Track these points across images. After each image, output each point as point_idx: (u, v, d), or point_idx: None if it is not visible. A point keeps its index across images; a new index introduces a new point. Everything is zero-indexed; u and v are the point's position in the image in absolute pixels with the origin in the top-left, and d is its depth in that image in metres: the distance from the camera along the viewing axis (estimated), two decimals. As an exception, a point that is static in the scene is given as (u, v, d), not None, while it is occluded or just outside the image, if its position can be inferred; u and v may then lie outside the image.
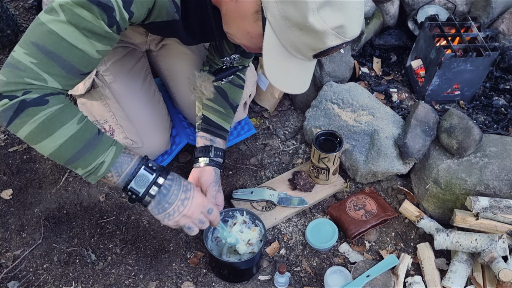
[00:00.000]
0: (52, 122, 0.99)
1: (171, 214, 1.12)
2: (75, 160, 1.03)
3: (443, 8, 2.00)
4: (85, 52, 0.99)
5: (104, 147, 1.04)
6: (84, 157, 1.02)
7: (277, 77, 1.03)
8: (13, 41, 2.14)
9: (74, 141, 1.01)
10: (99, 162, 1.03)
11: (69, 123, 1.00)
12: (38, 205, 1.62)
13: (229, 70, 1.29)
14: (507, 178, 1.44)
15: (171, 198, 1.11)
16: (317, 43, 0.94)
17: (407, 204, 1.55)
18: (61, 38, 0.96)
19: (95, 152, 1.03)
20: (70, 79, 1.02)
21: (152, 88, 1.62)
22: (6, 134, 1.84)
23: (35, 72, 0.97)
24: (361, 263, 1.40)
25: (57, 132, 0.99)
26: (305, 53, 0.97)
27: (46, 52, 0.96)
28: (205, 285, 1.43)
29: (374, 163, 1.58)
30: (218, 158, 1.43)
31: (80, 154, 1.02)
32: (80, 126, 1.02)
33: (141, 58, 1.60)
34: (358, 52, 2.03)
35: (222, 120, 1.47)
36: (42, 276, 1.45)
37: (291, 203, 1.58)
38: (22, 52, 0.97)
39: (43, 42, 0.96)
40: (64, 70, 0.99)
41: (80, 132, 1.02)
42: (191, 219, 1.15)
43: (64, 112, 1.00)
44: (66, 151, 1.01)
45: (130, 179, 1.07)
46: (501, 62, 1.93)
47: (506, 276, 1.27)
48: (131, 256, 1.50)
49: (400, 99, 1.86)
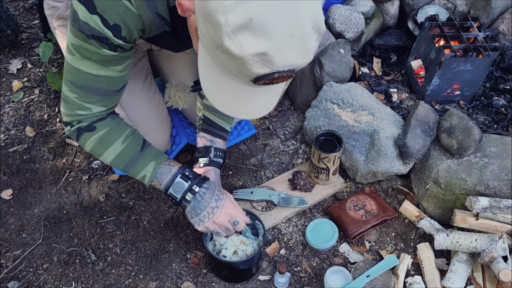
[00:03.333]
0: (102, 144, 1.20)
1: (201, 219, 1.24)
2: (127, 171, 1.24)
3: (443, 8, 2.00)
4: (109, 77, 1.13)
5: (144, 162, 1.22)
6: (130, 171, 1.23)
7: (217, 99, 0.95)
8: (13, 41, 2.14)
9: (120, 158, 1.21)
10: (142, 176, 1.23)
11: (115, 144, 1.20)
12: (38, 205, 1.62)
13: None
14: (507, 178, 1.44)
15: (203, 205, 1.23)
16: (243, 69, 0.84)
17: (407, 204, 1.55)
18: (85, 73, 1.10)
19: (137, 167, 1.22)
20: (108, 100, 1.18)
21: (153, 88, 1.62)
22: (6, 134, 1.84)
23: (80, 104, 1.15)
24: (361, 263, 1.40)
25: (106, 151, 1.20)
26: (240, 77, 0.88)
27: (80, 87, 1.12)
28: (205, 285, 1.44)
29: (374, 163, 1.58)
30: (218, 158, 1.43)
31: (127, 168, 1.23)
32: (125, 146, 1.21)
33: (141, 58, 1.60)
34: (358, 52, 2.03)
35: (222, 121, 1.46)
36: (42, 276, 1.45)
37: (291, 203, 1.58)
38: (66, 89, 1.15)
39: (75, 79, 1.12)
40: (100, 96, 1.15)
41: (124, 150, 1.21)
42: (219, 226, 1.26)
43: (110, 135, 1.20)
44: (118, 165, 1.23)
45: (169, 186, 1.23)
46: (501, 62, 1.93)
47: (506, 276, 1.27)
48: (131, 256, 1.50)
49: (400, 99, 1.86)
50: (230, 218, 1.26)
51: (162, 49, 1.63)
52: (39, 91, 2.00)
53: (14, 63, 2.11)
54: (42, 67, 2.09)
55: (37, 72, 2.09)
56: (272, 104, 0.99)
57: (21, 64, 2.12)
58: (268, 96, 0.98)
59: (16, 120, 1.90)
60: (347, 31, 1.85)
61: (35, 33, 2.26)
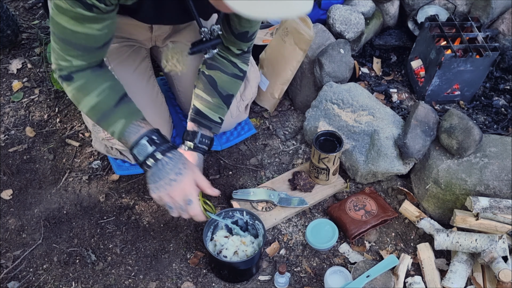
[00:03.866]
0: (78, 93, 1.21)
1: (158, 188, 1.20)
2: (99, 123, 1.25)
3: (443, 8, 2.00)
4: (88, 34, 1.11)
5: (114, 119, 1.21)
6: (102, 124, 1.24)
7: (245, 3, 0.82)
8: (13, 41, 2.14)
9: (93, 111, 1.22)
10: (111, 131, 1.23)
11: (90, 96, 1.20)
12: (38, 205, 1.62)
13: (208, 42, 1.24)
14: (507, 178, 1.44)
15: (162, 175, 1.19)
16: None
17: (407, 204, 1.55)
18: (63, 27, 1.10)
19: (108, 122, 1.22)
20: (89, 55, 1.18)
21: (155, 89, 1.62)
22: (6, 135, 1.84)
23: (62, 56, 1.16)
24: (361, 263, 1.40)
25: (82, 102, 1.22)
26: None
27: (61, 40, 1.13)
28: (205, 285, 1.43)
29: (374, 163, 1.58)
30: (203, 145, 1.42)
31: (99, 121, 1.24)
32: (99, 99, 1.20)
33: (145, 58, 1.59)
34: (358, 52, 2.03)
35: (209, 110, 1.43)
36: (42, 276, 1.45)
37: (291, 203, 1.58)
38: (52, 39, 1.16)
39: (56, 32, 1.12)
40: (80, 50, 1.15)
41: (98, 104, 1.21)
42: (173, 201, 1.21)
43: (86, 87, 1.20)
44: (91, 117, 1.24)
45: (133, 146, 1.21)
46: (501, 62, 1.93)
47: (506, 277, 1.27)
48: (131, 256, 1.50)
49: (400, 99, 1.86)
50: (185, 196, 1.20)
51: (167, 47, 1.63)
52: (39, 91, 2.00)
53: (14, 63, 2.11)
54: (42, 67, 2.09)
55: (37, 72, 2.08)
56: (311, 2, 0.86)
57: (21, 64, 2.11)
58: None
59: (16, 120, 1.90)
60: (347, 31, 1.85)
61: (35, 33, 2.26)
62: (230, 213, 1.45)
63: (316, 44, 1.81)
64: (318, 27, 1.84)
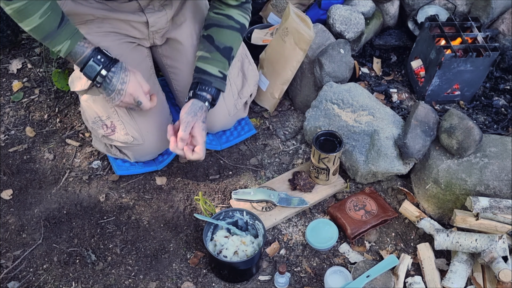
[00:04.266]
0: (19, 14, 1.24)
1: (113, 98, 1.40)
2: (43, 42, 1.31)
3: (443, 9, 2.00)
4: None
5: (60, 40, 1.30)
6: (47, 42, 1.31)
7: None
8: (13, 41, 2.14)
9: (37, 30, 1.27)
10: (57, 50, 1.32)
11: (33, 17, 1.24)
12: (38, 205, 1.62)
13: None
14: (507, 179, 1.44)
15: (112, 87, 1.38)
16: None
17: (407, 204, 1.55)
18: None
19: (53, 43, 1.30)
20: None
21: (156, 87, 1.63)
22: (6, 135, 1.84)
23: None
24: (361, 263, 1.40)
25: (24, 21, 1.26)
26: None
27: None
28: (205, 285, 1.43)
29: (374, 163, 1.58)
30: (203, 92, 1.47)
31: (43, 41, 1.30)
32: (42, 20, 1.25)
33: (145, 57, 1.61)
34: (358, 52, 2.03)
35: (207, 65, 1.49)
36: (42, 276, 1.45)
37: (291, 203, 1.58)
38: None
39: None
40: None
41: (41, 25, 1.26)
42: (127, 105, 1.43)
43: (28, 8, 1.23)
44: (34, 35, 1.30)
45: (82, 68, 1.35)
46: (501, 63, 1.93)
47: (506, 277, 1.27)
48: (131, 256, 1.50)
49: (400, 99, 1.86)
50: (134, 99, 1.40)
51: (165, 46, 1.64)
52: (39, 91, 2.00)
53: (14, 63, 2.11)
54: (42, 67, 2.09)
55: (37, 72, 2.08)
56: None
57: (21, 64, 2.11)
58: None
59: (16, 120, 1.90)
60: (347, 31, 1.85)
61: (35, 33, 2.25)
62: (230, 213, 1.45)
63: (316, 44, 1.81)
64: (318, 27, 1.84)
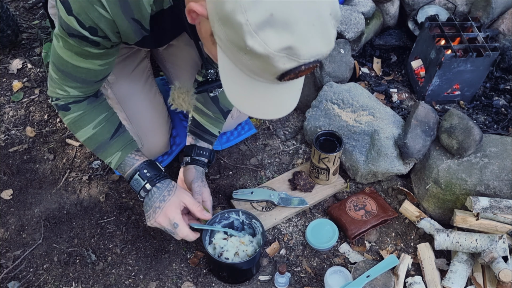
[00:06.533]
0: (75, 125, 1.27)
1: (149, 216, 1.29)
2: (95, 154, 1.32)
3: (443, 8, 2.00)
4: (89, 69, 1.17)
5: (111, 151, 1.29)
6: (99, 154, 1.31)
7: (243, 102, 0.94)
8: (13, 41, 2.14)
9: (90, 142, 1.29)
10: (108, 162, 1.31)
11: (86, 128, 1.26)
12: (38, 205, 1.62)
13: (214, 83, 1.28)
14: (507, 178, 1.44)
15: (150, 204, 1.29)
16: (269, 67, 0.82)
17: (407, 204, 1.55)
18: (65, 61, 1.14)
19: (104, 154, 1.30)
20: (87, 88, 1.23)
21: (153, 90, 1.62)
22: (6, 135, 1.84)
23: (60, 85, 1.21)
24: (361, 263, 1.40)
25: (78, 132, 1.28)
26: (265, 76, 0.86)
27: (61, 71, 1.17)
28: (205, 285, 1.43)
29: (374, 163, 1.58)
30: (201, 157, 1.46)
31: (96, 152, 1.31)
32: (95, 131, 1.27)
33: (143, 59, 1.60)
34: (358, 52, 2.03)
35: (209, 124, 1.48)
36: (42, 276, 1.45)
37: (291, 203, 1.58)
38: (51, 68, 1.20)
39: (57, 63, 1.17)
40: (78, 83, 1.20)
41: (94, 136, 1.27)
42: (162, 226, 1.30)
43: (83, 118, 1.26)
44: (87, 146, 1.31)
45: (129, 181, 1.31)
46: (501, 62, 1.93)
47: (506, 276, 1.27)
48: (131, 256, 1.50)
49: (400, 99, 1.86)
50: (170, 221, 1.27)
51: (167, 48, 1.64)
52: (39, 91, 2.00)
53: (14, 63, 2.11)
54: (42, 67, 2.09)
55: (37, 72, 2.08)
56: (297, 99, 0.98)
57: (21, 64, 2.11)
58: (292, 92, 0.97)
59: (16, 120, 1.90)
60: (347, 31, 1.85)
61: (35, 33, 2.26)
62: (226, 214, 1.45)
63: (316, 44, 1.81)
64: (318, 27, 1.83)
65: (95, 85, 1.24)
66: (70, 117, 1.25)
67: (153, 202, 1.28)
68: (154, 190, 1.28)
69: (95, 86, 1.25)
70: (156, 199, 1.27)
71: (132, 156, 1.30)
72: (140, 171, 1.28)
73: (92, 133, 1.27)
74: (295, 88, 0.96)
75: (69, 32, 1.05)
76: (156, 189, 1.28)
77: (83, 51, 1.10)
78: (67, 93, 1.22)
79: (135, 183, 1.29)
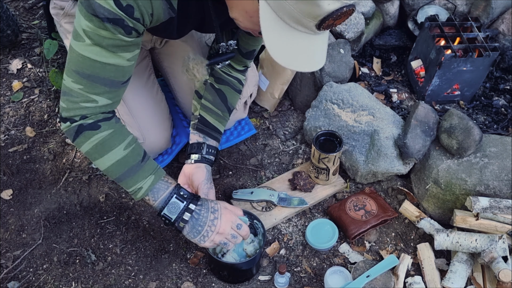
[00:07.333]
0: (103, 146, 1.14)
1: (205, 235, 1.21)
2: (121, 180, 1.18)
3: (443, 9, 2.00)
4: (117, 65, 1.10)
5: (144, 174, 1.17)
6: (127, 180, 1.17)
7: (281, 54, 0.97)
8: (13, 41, 2.14)
9: (119, 165, 1.16)
10: (138, 187, 1.17)
11: (117, 148, 1.15)
12: (38, 205, 1.62)
13: (225, 55, 1.29)
14: (507, 178, 1.44)
15: (202, 221, 1.20)
16: (314, 9, 0.87)
17: (407, 204, 1.55)
18: (93, 61, 1.07)
19: (135, 178, 1.17)
20: (115, 92, 1.14)
21: (155, 86, 1.63)
22: (6, 135, 1.84)
23: (85, 96, 1.11)
24: (361, 263, 1.40)
25: (106, 155, 1.14)
26: (305, 23, 0.91)
27: (86, 76, 1.09)
28: (205, 285, 1.44)
29: (374, 163, 1.58)
30: (210, 155, 1.44)
31: (124, 177, 1.17)
32: (126, 152, 1.16)
33: (145, 57, 1.61)
34: (358, 52, 2.03)
35: (218, 123, 1.48)
36: (42, 276, 1.45)
37: (291, 203, 1.58)
38: (70, 81, 1.10)
39: (81, 68, 1.08)
40: (107, 86, 1.11)
41: (126, 158, 1.16)
42: (224, 235, 1.23)
43: (114, 138, 1.15)
44: (113, 172, 1.17)
45: (163, 206, 1.19)
46: (501, 62, 1.93)
47: (506, 276, 1.27)
48: (131, 256, 1.50)
49: (400, 99, 1.86)
50: (233, 224, 1.24)
51: (164, 48, 1.64)
52: (39, 91, 2.00)
53: (14, 63, 2.11)
54: (42, 67, 2.09)
55: (37, 72, 2.08)
56: (325, 55, 1.03)
57: (21, 64, 2.12)
58: (323, 46, 1.02)
59: (16, 120, 1.90)
60: (347, 31, 1.85)
61: (35, 33, 2.26)
62: None
63: (316, 44, 1.81)
64: (318, 27, 1.84)
65: (121, 87, 1.16)
66: (98, 137, 1.13)
67: (205, 218, 1.20)
68: (199, 208, 1.21)
69: (121, 90, 1.17)
70: (207, 213, 1.21)
71: (165, 180, 1.21)
72: (177, 193, 1.20)
73: (123, 155, 1.15)
74: (325, 43, 1.02)
75: (103, 17, 1.00)
76: (200, 206, 1.21)
77: (115, 42, 1.05)
78: (95, 103, 1.12)
79: (172, 208, 1.19)
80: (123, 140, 1.16)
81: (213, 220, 1.21)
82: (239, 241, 1.26)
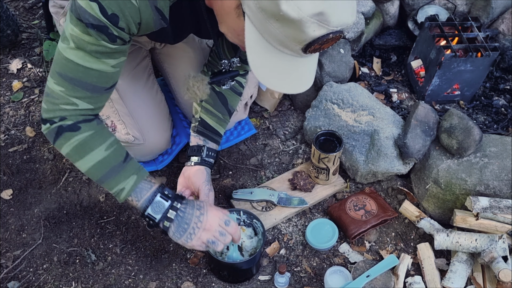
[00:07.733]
0: (84, 147, 1.12)
1: (191, 233, 1.17)
2: (103, 182, 1.15)
3: (443, 8, 2.00)
4: (101, 71, 1.08)
5: (126, 174, 1.15)
6: (108, 181, 1.15)
7: (266, 76, 0.96)
8: (13, 41, 2.14)
9: (101, 165, 1.14)
10: (120, 188, 1.15)
11: (98, 149, 1.13)
12: (38, 205, 1.62)
13: (227, 74, 1.27)
14: (507, 178, 1.44)
15: (188, 218, 1.17)
16: (298, 34, 0.86)
17: (407, 204, 1.55)
18: (76, 64, 1.06)
19: (117, 178, 1.14)
20: (96, 98, 1.13)
21: (155, 87, 1.63)
22: (6, 134, 1.84)
23: (66, 98, 1.09)
24: (361, 263, 1.40)
25: (87, 156, 1.13)
26: (291, 47, 0.90)
27: (68, 79, 1.08)
28: (205, 285, 1.44)
29: (374, 163, 1.58)
30: (210, 158, 1.44)
31: (105, 178, 1.14)
32: (108, 153, 1.14)
33: (145, 57, 1.61)
34: (358, 52, 2.03)
35: (218, 125, 1.48)
36: (42, 276, 1.46)
37: (291, 203, 1.58)
38: (53, 82, 1.09)
39: (64, 71, 1.07)
40: (88, 91, 1.10)
41: (107, 158, 1.14)
42: (211, 232, 1.19)
43: (94, 139, 1.13)
44: (95, 173, 1.15)
45: (147, 206, 1.16)
46: (501, 62, 1.93)
47: (506, 276, 1.27)
48: (131, 256, 1.50)
49: (400, 99, 1.87)
50: (220, 220, 1.20)
51: (164, 48, 1.64)
52: (39, 91, 2.00)
53: (14, 63, 2.11)
54: (42, 67, 2.09)
55: (37, 72, 2.09)
56: (313, 76, 1.02)
57: (21, 64, 2.12)
58: (311, 68, 1.01)
59: (16, 120, 1.90)
60: (347, 31, 1.85)
61: (35, 33, 2.26)
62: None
63: (316, 44, 1.81)
64: (318, 27, 1.84)
65: (105, 94, 1.14)
66: (78, 138, 1.11)
67: (191, 215, 1.17)
68: (184, 206, 1.17)
69: (104, 96, 1.15)
70: (193, 210, 1.18)
71: (148, 180, 1.18)
72: (161, 192, 1.17)
73: (105, 155, 1.13)
74: (312, 65, 1.01)
75: (88, 22, 0.99)
76: (185, 205, 1.18)
77: (98, 48, 1.03)
78: (75, 106, 1.10)
79: (156, 207, 1.15)
80: (104, 141, 1.14)
81: (199, 216, 1.18)
82: (228, 240, 1.22)
